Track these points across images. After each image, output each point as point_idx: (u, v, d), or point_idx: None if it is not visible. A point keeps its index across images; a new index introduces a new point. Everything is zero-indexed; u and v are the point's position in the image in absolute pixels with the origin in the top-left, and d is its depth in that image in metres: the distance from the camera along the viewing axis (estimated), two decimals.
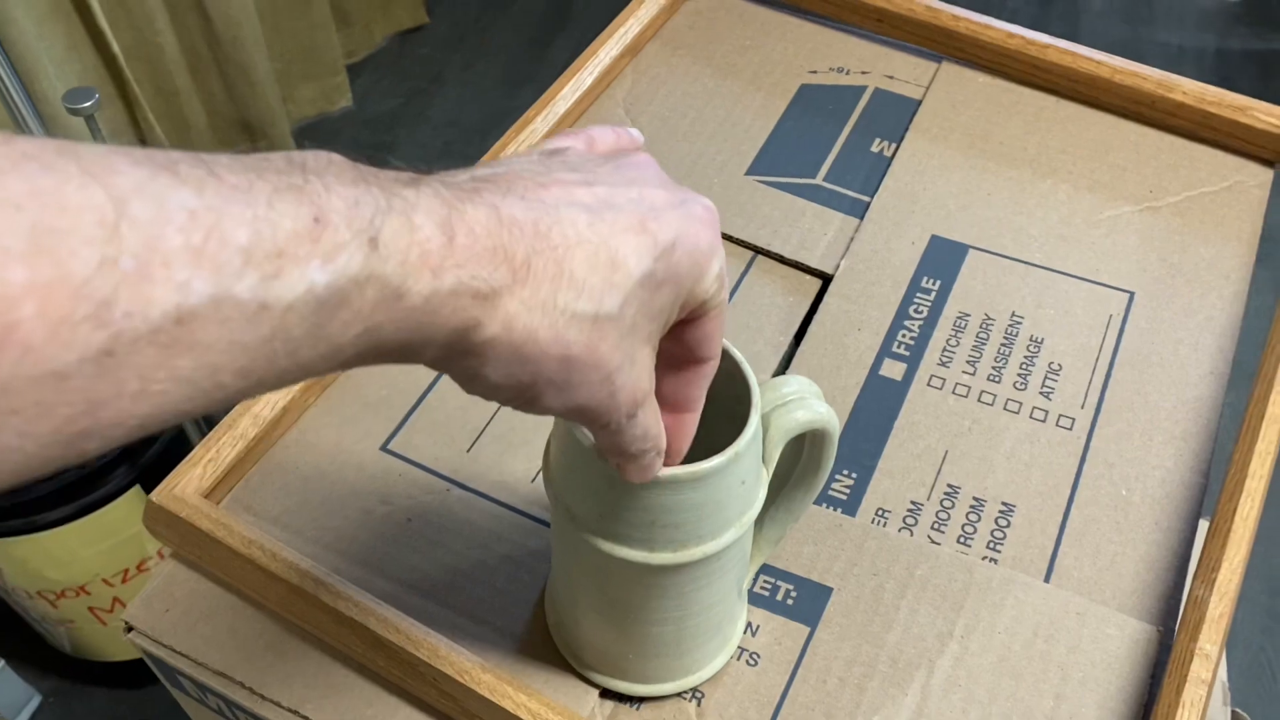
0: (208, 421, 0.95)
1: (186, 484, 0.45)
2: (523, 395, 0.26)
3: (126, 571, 1.00)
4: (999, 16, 0.65)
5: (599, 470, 0.34)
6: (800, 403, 0.36)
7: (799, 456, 0.40)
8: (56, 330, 0.18)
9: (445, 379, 0.53)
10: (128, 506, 0.96)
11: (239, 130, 1.63)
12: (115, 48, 1.29)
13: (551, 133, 0.62)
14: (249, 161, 0.22)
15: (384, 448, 0.50)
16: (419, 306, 0.23)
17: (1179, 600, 0.45)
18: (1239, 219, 0.59)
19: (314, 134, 1.78)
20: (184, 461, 0.46)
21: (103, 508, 0.94)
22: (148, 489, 0.97)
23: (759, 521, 0.42)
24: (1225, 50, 1.97)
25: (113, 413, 0.19)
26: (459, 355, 0.25)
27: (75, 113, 0.58)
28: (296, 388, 0.49)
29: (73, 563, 0.97)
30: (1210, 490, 0.49)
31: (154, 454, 0.96)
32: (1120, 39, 1.98)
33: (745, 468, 0.35)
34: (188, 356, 0.20)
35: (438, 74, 1.88)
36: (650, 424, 0.30)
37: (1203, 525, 0.48)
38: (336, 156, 0.24)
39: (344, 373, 0.52)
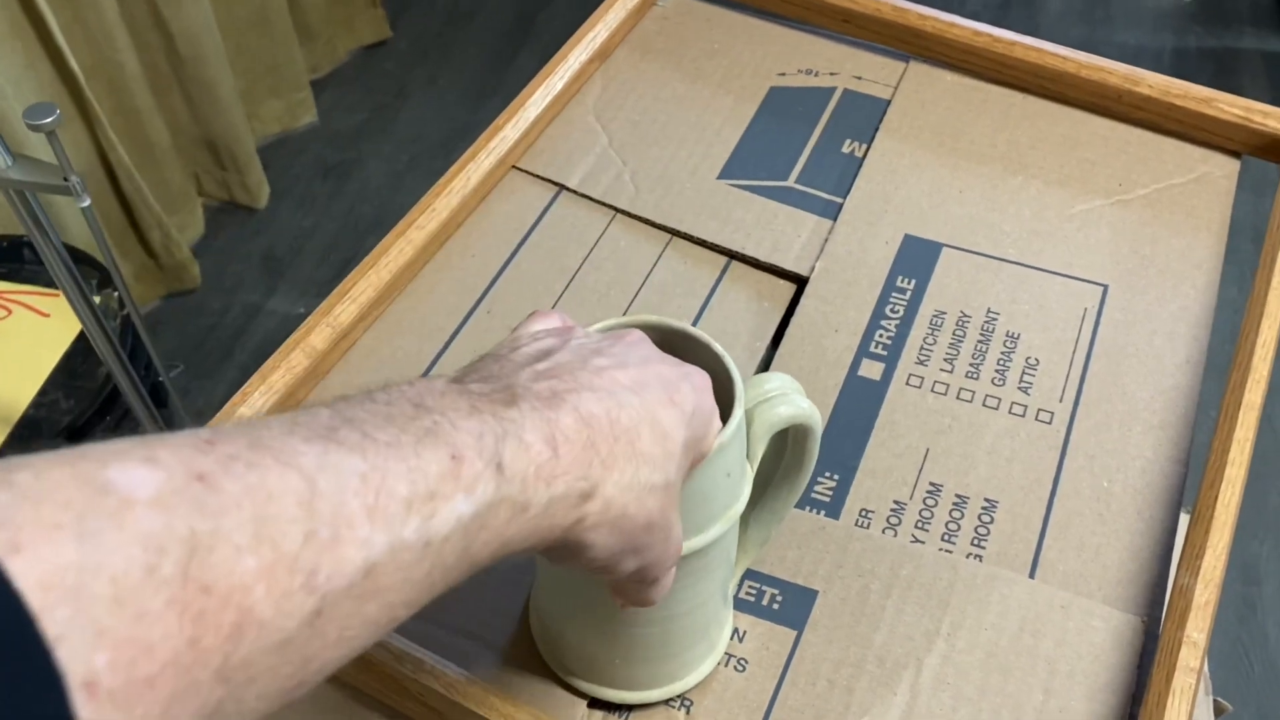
0: None
1: None
2: (612, 563, 0.30)
3: None
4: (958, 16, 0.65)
5: None
6: (783, 398, 0.37)
7: (781, 457, 0.40)
8: (280, 604, 0.20)
9: None
10: None
11: (203, 148, 1.61)
12: (74, 65, 1.27)
13: (523, 140, 0.62)
14: (384, 412, 0.25)
15: None
16: (539, 514, 0.27)
17: (1164, 589, 0.45)
18: (1208, 209, 0.60)
19: (279, 150, 1.76)
20: None
21: None
22: None
23: (743, 522, 0.41)
24: (1182, 49, 2.00)
25: (318, 664, 0.22)
26: (570, 543, 0.28)
27: (36, 129, 0.57)
28: (269, 403, 0.49)
29: None
30: (1190, 479, 0.49)
31: None
32: (1079, 40, 2.00)
33: (730, 460, 0.35)
34: (374, 601, 0.23)
35: (402, 88, 1.87)
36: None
37: (1183, 515, 0.48)
38: (438, 383, 0.27)
39: (319, 386, 0.52)
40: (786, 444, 0.39)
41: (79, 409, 0.89)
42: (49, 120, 0.57)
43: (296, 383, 0.50)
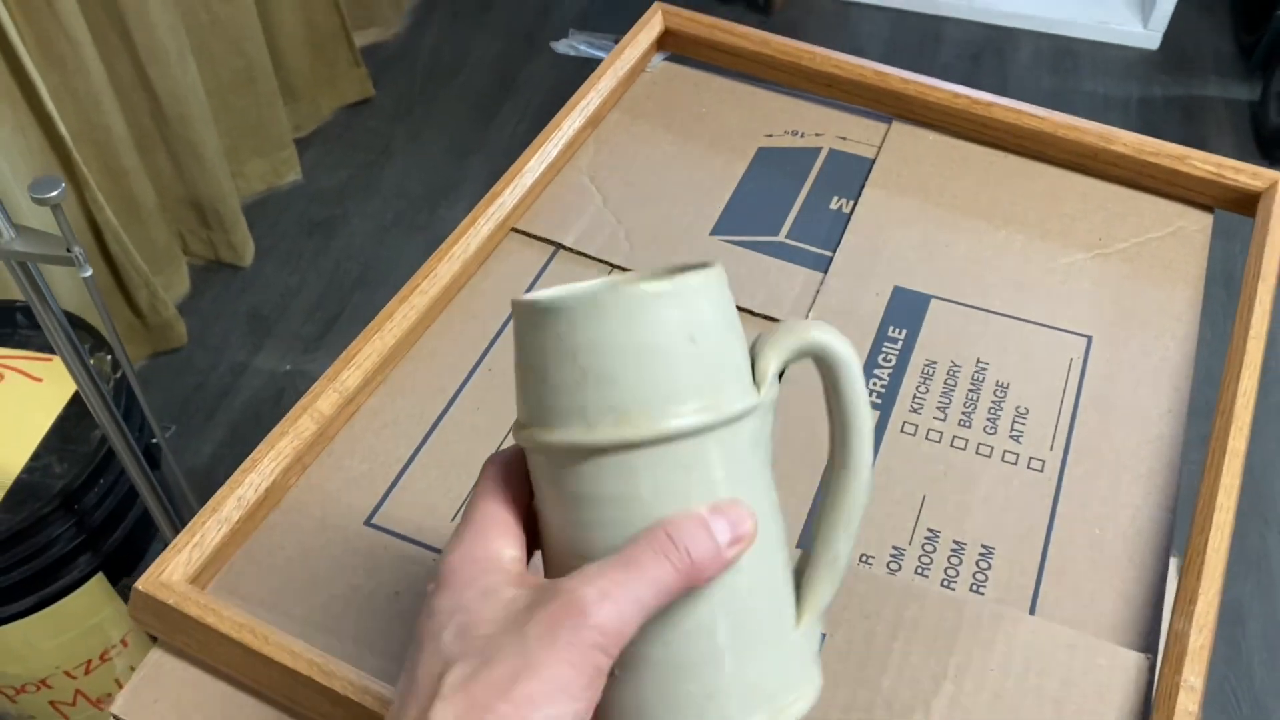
0: (173, 505, 0.94)
1: (172, 570, 0.45)
2: None
3: (89, 662, 0.97)
4: (930, 69, 0.68)
5: (537, 347, 0.31)
6: (796, 325, 0.33)
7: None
8: None
9: (425, 451, 0.53)
10: (90, 596, 0.94)
11: (189, 208, 1.62)
12: (62, 130, 1.28)
13: (520, 204, 0.63)
14: None
15: (368, 522, 0.50)
16: None
17: (1159, 635, 0.46)
18: (1185, 262, 0.62)
19: (264, 208, 1.78)
20: (168, 549, 0.45)
21: (64, 598, 0.92)
22: (111, 578, 0.95)
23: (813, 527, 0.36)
24: (1148, 98, 2.05)
25: None
26: None
27: (42, 202, 0.58)
28: (278, 469, 0.49)
29: (32, 656, 0.94)
30: (1178, 525, 0.50)
31: (116, 541, 0.94)
32: (1049, 89, 2.05)
33: (695, 320, 0.31)
34: None
35: (385, 146, 1.89)
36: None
37: (1172, 560, 0.49)
38: None
39: (325, 450, 0.52)
40: (829, 412, 0.35)
41: (73, 473, 0.89)
42: (54, 194, 0.58)
43: (304, 447, 0.50)
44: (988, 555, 0.49)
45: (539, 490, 0.33)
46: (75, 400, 0.95)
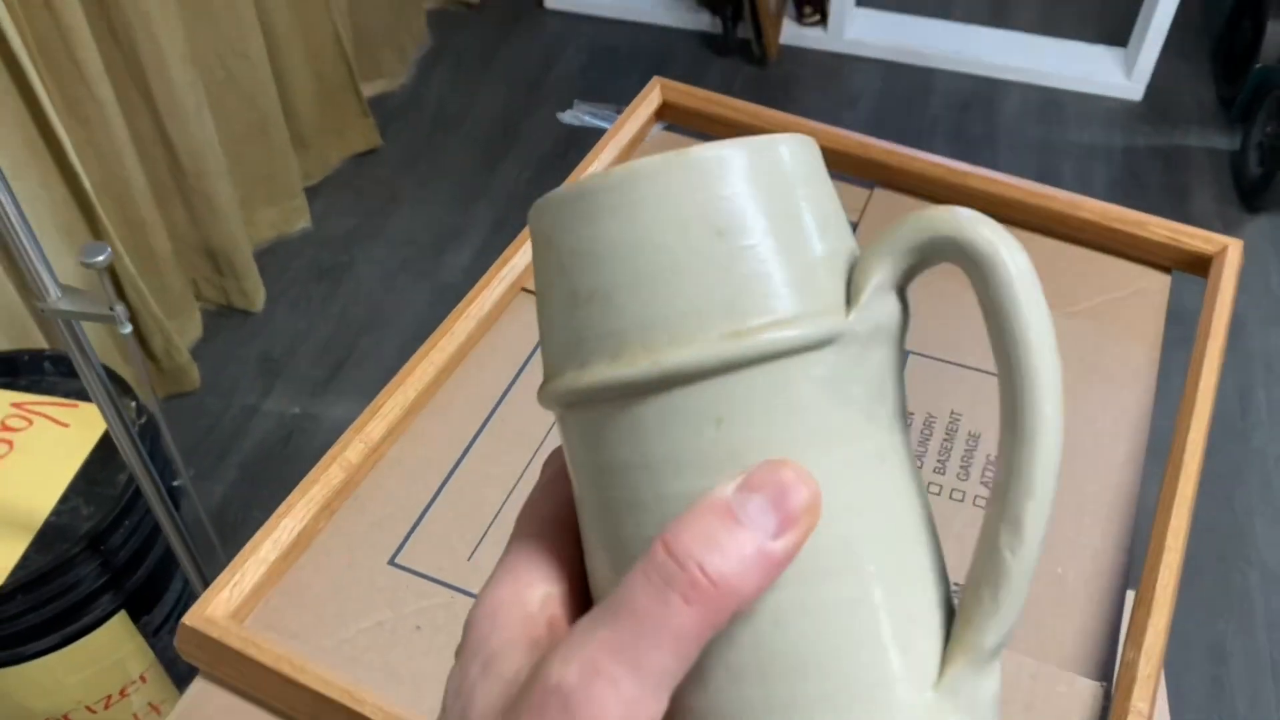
0: (194, 544, 0.98)
1: (215, 607, 0.49)
2: None
3: (109, 698, 1.01)
4: (920, 124, 0.73)
5: (537, 269, 0.24)
6: (920, 215, 0.24)
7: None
8: None
9: (443, 496, 0.58)
10: (112, 633, 0.98)
11: (202, 256, 1.68)
12: (86, 184, 1.34)
13: (530, 267, 0.68)
14: None
15: (391, 562, 0.54)
16: None
17: (1114, 665, 0.50)
18: (1144, 320, 0.67)
19: (274, 255, 1.83)
20: (211, 587, 0.50)
21: (87, 635, 0.96)
22: (133, 616, 0.99)
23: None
24: (1132, 147, 2.11)
25: None
26: None
27: (90, 266, 0.63)
28: (309, 514, 0.54)
29: (56, 691, 0.98)
30: (1134, 563, 0.55)
31: (138, 580, 0.98)
32: (1036, 138, 2.12)
33: (722, 205, 0.22)
34: None
35: (392, 193, 1.95)
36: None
37: (1129, 594, 0.54)
38: None
39: (352, 496, 0.57)
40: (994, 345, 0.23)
41: (99, 515, 0.94)
42: (101, 259, 0.64)
43: (333, 494, 0.55)
44: (958, 590, 0.54)
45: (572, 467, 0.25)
46: (101, 445, 0.99)
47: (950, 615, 0.24)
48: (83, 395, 1.04)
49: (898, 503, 0.24)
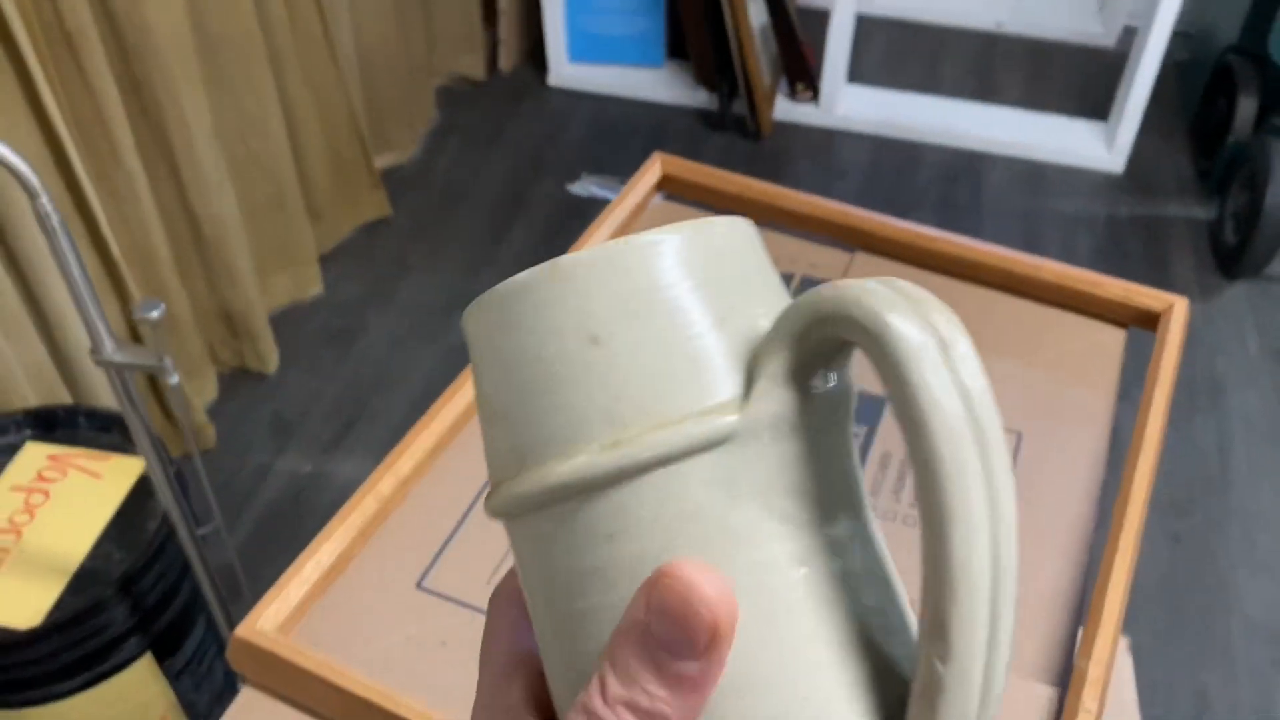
0: (217, 589, 1.03)
1: (264, 621, 0.55)
2: None
3: None
4: (909, 195, 0.80)
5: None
6: (816, 292, 0.21)
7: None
8: None
9: (468, 524, 0.64)
10: (139, 674, 1.02)
11: (219, 320, 1.75)
12: (115, 252, 1.41)
13: None
14: None
15: (419, 584, 0.60)
16: None
17: (1069, 673, 0.56)
18: (1101, 371, 0.73)
19: (288, 320, 1.90)
20: (260, 602, 0.56)
21: (115, 676, 1.01)
22: (159, 657, 1.04)
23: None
24: (1114, 217, 2.20)
25: None
26: None
27: (144, 321, 0.70)
28: (347, 538, 0.60)
29: None
30: (1087, 586, 0.61)
31: (164, 623, 1.03)
32: (1020, 209, 2.20)
33: (599, 309, 0.21)
34: None
35: (402, 261, 2.03)
36: None
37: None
38: None
39: (384, 525, 0.63)
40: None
41: (130, 560, 0.99)
42: (155, 314, 0.70)
43: (367, 521, 0.61)
44: None
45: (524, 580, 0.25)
46: (133, 494, 1.05)
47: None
48: (115, 448, 1.10)
49: (823, 609, 0.22)
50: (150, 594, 1.01)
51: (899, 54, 2.65)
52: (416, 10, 2.19)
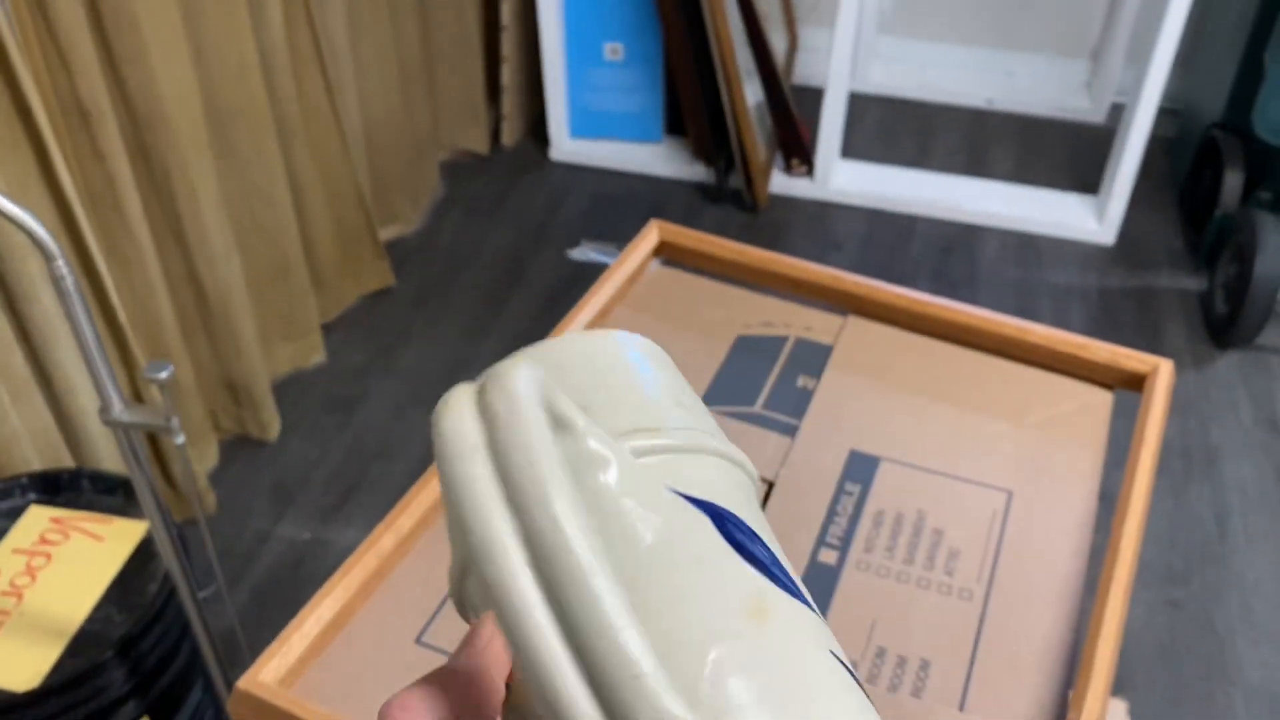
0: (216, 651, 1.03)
1: (266, 674, 0.56)
2: None
3: None
4: (904, 264, 0.83)
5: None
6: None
7: None
8: None
9: None
10: None
11: (222, 387, 1.77)
12: (122, 318, 1.44)
13: None
14: None
15: (418, 640, 0.61)
16: None
17: None
18: (1089, 432, 0.75)
19: (290, 387, 1.92)
20: (263, 655, 0.56)
21: None
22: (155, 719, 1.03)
23: None
24: (1106, 288, 2.23)
25: None
26: None
27: (154, 381, 0.72)
28: (348, 593, 0.61)
29: None
30: (1078, 642, 0.61)
31: (162, 687, 1.03)
32: (1014, 280, 2.24)
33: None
34: None
35: (404, 329, 2.06)
36: None
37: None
38: None
39: (385, 581, 0.64)
40: None
41: (130, 622, 0.99)
42: (164, 375, 0.72)
43: (369, 577, 0.62)
44: (926, 667, 0.60)
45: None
46: (133, 557, 1.06)
47: None
48: (117, 511, 1.11)
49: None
50: (149, 657, 1.01)
51: (891, 130, 2.71)
52: (422, 85, 2.24)
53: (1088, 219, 2.35)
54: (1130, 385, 0.77)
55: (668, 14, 2.24)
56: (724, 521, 0.26)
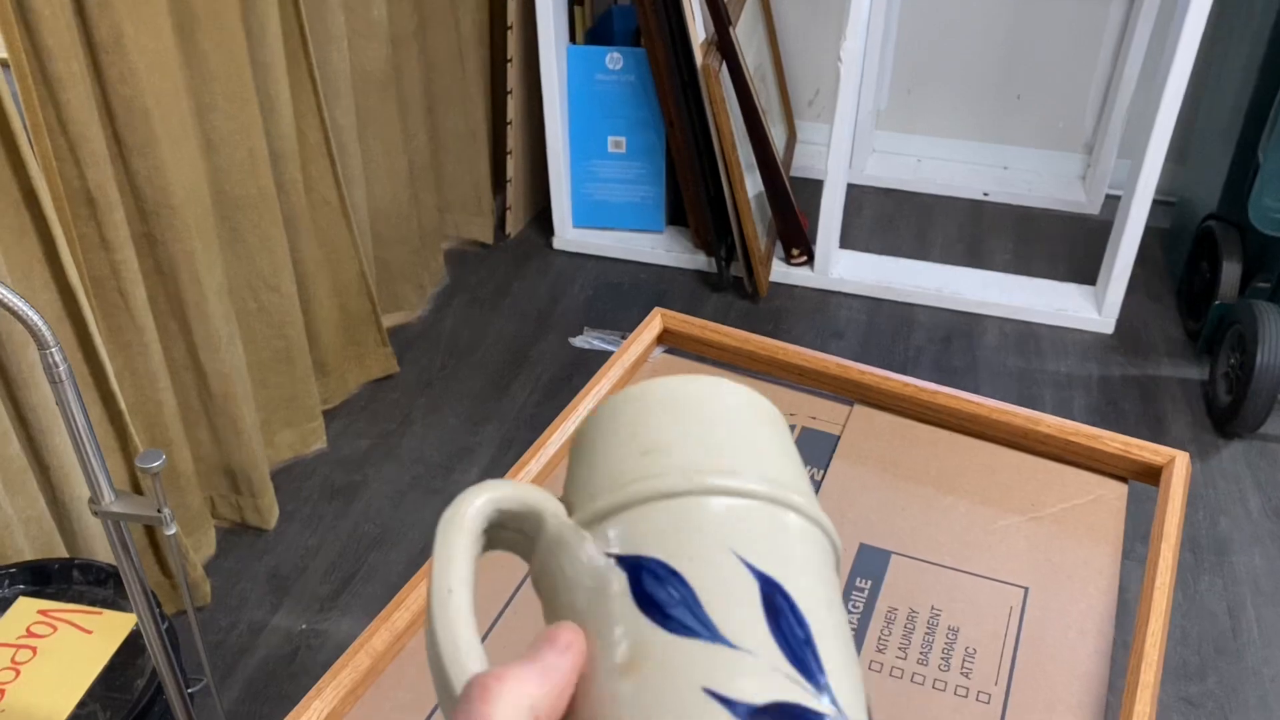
0: None
1: None
2: None
3: None
4: (905, 353, 0.82)
5: None
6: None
7: None
8: None
9: None
10: None
11: (221, 475, 1.75)
12: (122, 404, 1.43)
13: (542, 474, 0.75)
14: None
15: None
16: None
17: None
18: (1105, 525, 0.73)
19: (289, 475, 1.90)
20: None
21: None
22: None
23: None
24: (1107, 377, 2.23)
25: None
26: None
27: (146, 471, 0.70)
28: (338, 696, 0.59)
29: None
30: None
31: None
32: (1015, 369, 2.23)
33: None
34: None
35: (406, 416, 2.05)
36: None
37: None
38: None
39: (376, 682, 0.62)
40: None
41: (116, 719, 0.96)
42: (156, 465, 0.71)
43: (360, 677, 0.60)
44: None
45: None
46: (122, 650, 1.03)
47: None
48: (108, 603, 1.08)
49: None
50: None
51: (890, 220, 2.73)
52: (429, 177, 2.27)
53: (1087, 308, 2.36)
54: (1144, 477, 0.76)
55: (670, 109, 2.28)
56: (642, 574, 0.29)
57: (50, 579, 1.10)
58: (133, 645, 1.02)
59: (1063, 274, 2.48)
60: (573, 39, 2.40)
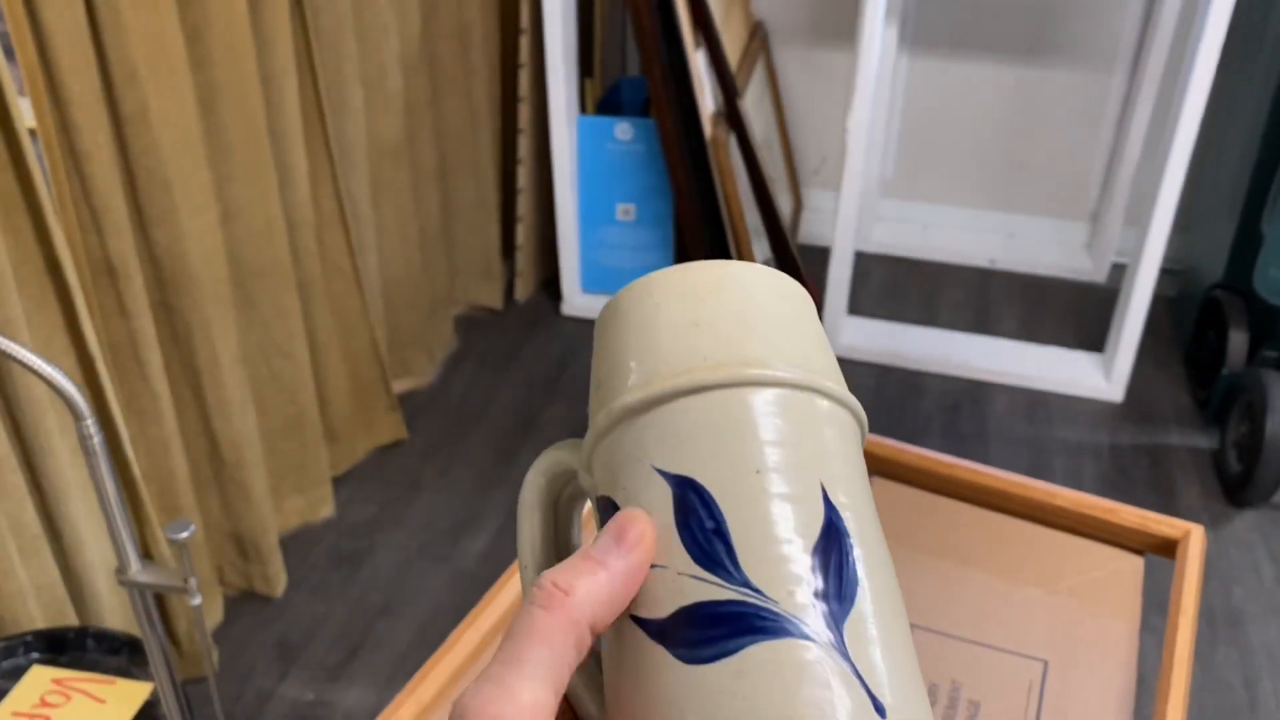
0: None
1: None
2: None
3: None
4: (914, 422, 0.83)
5: None
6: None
7: None
8: None
9: None
10: None
11: (230, 541, 1.75)
12: (135, 471, 1.43)
13: None
14: None
15: None
16: None
17: None
18: (1122, 598, 0.73)
19: (297, 542, 1.90)
20: None
21: None
22: None
23: None
24: (1117, 445, 2.23)
25: None
26: None
27: (175, 541, 0.71)
28: None
29: None
30: None
31: None
32: (1024, 436, 2.23)
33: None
34: None
35: (415, 481, 2.05)
36: None
37: None
38: None
39: None
40: None
41: None
42: (185, 534, 0.71)
43: None
44: None
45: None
46: None
47: None
48: (121, 671, 1.08)
49: None
50: None
51: (897, 288, 2.76)
52: (440, 245, 2.30)
53: (1095, 376, 2.36)
54: (1160, 550, 0.76)
55: (678, 177, 2.31)
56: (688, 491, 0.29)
57: (65, 647, 1.09)
58: (146, 715, 1.02)
59: (1070, 341, 2.49)
60: (583, 109, 2.45)
